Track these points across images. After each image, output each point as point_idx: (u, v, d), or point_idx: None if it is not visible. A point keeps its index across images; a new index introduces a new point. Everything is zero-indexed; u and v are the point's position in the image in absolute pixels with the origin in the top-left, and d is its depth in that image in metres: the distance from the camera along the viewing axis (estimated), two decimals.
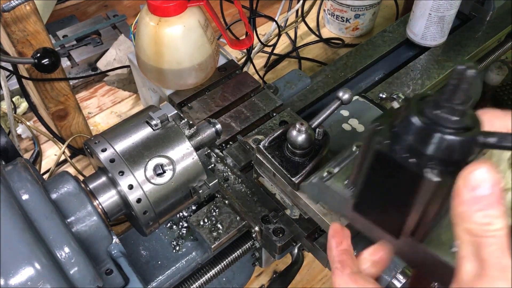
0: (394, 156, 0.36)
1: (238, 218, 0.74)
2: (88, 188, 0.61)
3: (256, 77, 1.23)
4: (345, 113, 0.75)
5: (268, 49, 1.29)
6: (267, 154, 0.64)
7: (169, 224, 0.77)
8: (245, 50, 1.10)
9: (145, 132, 0.62)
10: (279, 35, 1.20)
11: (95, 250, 0.59)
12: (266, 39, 1.23)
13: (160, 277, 0.72)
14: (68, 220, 0.56)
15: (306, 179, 0.60)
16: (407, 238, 0.39)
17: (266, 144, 0.65)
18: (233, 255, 0.76)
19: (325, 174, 0.53)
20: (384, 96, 0.93)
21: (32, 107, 0.98)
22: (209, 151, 0.80)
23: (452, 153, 0.34)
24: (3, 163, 0.58)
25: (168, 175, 0.61)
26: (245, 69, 1.08)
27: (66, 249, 0.51)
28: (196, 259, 0.75)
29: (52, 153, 1.13)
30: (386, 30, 1.08)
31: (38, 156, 1.10)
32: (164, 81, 0.89)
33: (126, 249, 0.66)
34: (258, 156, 0.66)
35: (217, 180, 0.65)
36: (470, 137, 0.34)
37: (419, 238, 0.39)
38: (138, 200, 0.59)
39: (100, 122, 1.20)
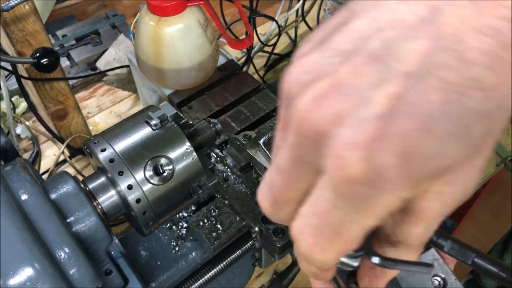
0: None
1: (238, 218, 0.74)
2: (87, 188, 0.60)
3: (256, 77, 1.23)
4: None
5: (268, 49, 1.28)
6: (265, 150, 0.64)
7: (168, 225, 0.76)
8: (245, 50, 1.10)
9: (144, 132, 0.62)
10: (279, 34, 1.20)
11: (94, 251, 0.58)
12: (266, 39, 1.22)
13: (160, 278, 0.72)
14: (68, 220, 0.56)
15: None
16: None
17: (266, 141, 0.65)
18: (233, 256, 0.76)
19: None
20: None
21: (31, 107, 0.97)
22: (209, 151, 0.80)
23: None
24: (2, 163, 0.58)
25: (167, 175, 0.60)
26: (245, 69, 1.07)
27: (66, 250, 0.51)
28: (196, 260, 0.74)
29: (51, 153, 1.13)
30: None
31: (37, 156, 1.10)
32: (163, 81, 0.89)
33: (126, 250, 0.66)
34: (249, 151, 0.66)
35: (217, 180, 0.65)
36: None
37: None
38: (138, 200, 0.59)
39: (100, 122, 1.20)
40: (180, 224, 0.76)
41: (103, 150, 0.59)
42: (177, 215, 0.76)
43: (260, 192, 0.32)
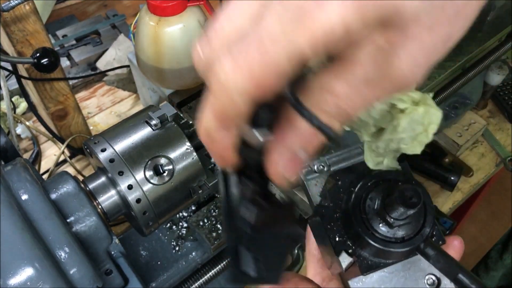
0: (317, 232, 0.39)
1: None
2: (87, 188, 0.61)
3: None
4: None
5: None
6: None
7: (168, 225, 0.76)
8: None
9: (144, 132, 0.62)
10: None
11: (94, 250, 0.58)
12: None
13: (160, 277, 0.72)
14: (68, 220, 0.56)
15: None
16: None
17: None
18: None
19: (316, 167, 0.47)
20: None
21: (31, 107, 0.98)
22: None
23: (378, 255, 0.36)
24: (3, 163, 0.58)
25: (167, 175, 0.60)
26: None
27: (66, 249, 0.51)
28: (196, 259, 0.75)
29: (51, 153, 1.13)
30: None
31: (37, 156, 1.10)
32: (164, 81, 0.89)
33: (126, 249, 0.66)
34: None
35: (217, 180, 0.65)
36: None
37: None
38: (138, 200, 0.59)
39: (100, 122, 1.20)
40: (180, 224, 0.76)
41: (103, 150, 0.60)
42: (177, 215, 0.76)
43: None
